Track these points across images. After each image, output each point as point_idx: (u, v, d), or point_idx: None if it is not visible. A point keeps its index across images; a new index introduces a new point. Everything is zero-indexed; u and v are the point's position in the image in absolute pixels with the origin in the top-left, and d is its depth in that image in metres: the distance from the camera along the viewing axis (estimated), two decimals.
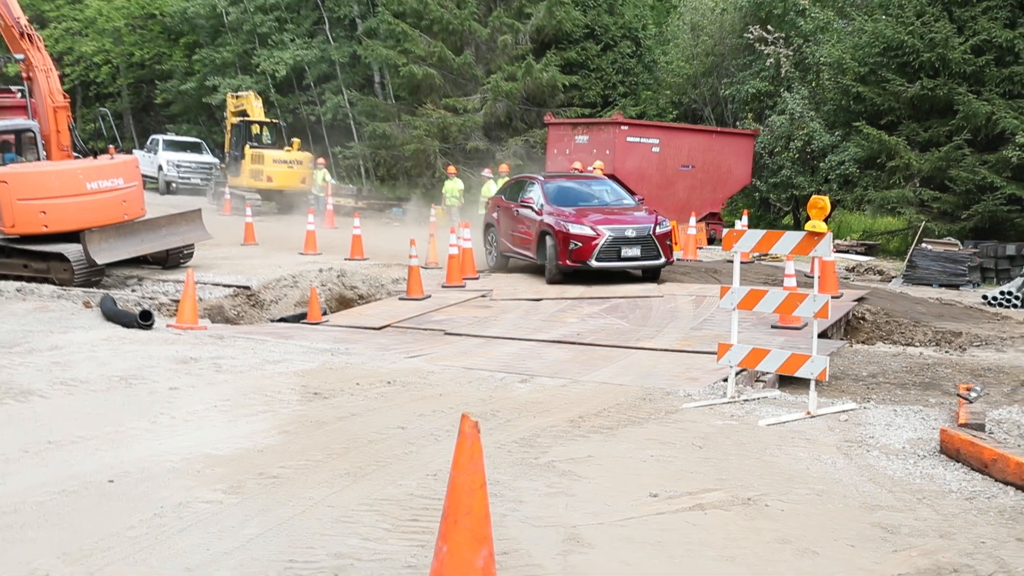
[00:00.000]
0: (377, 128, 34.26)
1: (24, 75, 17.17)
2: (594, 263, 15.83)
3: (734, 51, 31.90)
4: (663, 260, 16.18)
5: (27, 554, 4.64)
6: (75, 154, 17.17)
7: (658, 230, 16.16)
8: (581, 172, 23.13)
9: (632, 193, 19.05)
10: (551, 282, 16.20)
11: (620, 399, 8.62)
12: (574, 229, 15.96)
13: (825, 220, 15.26)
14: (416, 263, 15.44)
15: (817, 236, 8.32)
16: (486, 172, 25.45)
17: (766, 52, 29.78)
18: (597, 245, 15.79)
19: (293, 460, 6.46)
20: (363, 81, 39.91)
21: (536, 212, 16.95)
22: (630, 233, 15.99)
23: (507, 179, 24.11)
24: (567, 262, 15.92)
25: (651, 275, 16.52)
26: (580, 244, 15.83)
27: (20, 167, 16.23)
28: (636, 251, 15.94)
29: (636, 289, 15.63)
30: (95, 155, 17.27)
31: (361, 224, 21.07)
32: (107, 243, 16.00)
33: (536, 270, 17.54)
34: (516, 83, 31.54)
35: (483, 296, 15.54)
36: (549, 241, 16.30)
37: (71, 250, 15.48)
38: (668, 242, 16.31)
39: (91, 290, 14.79)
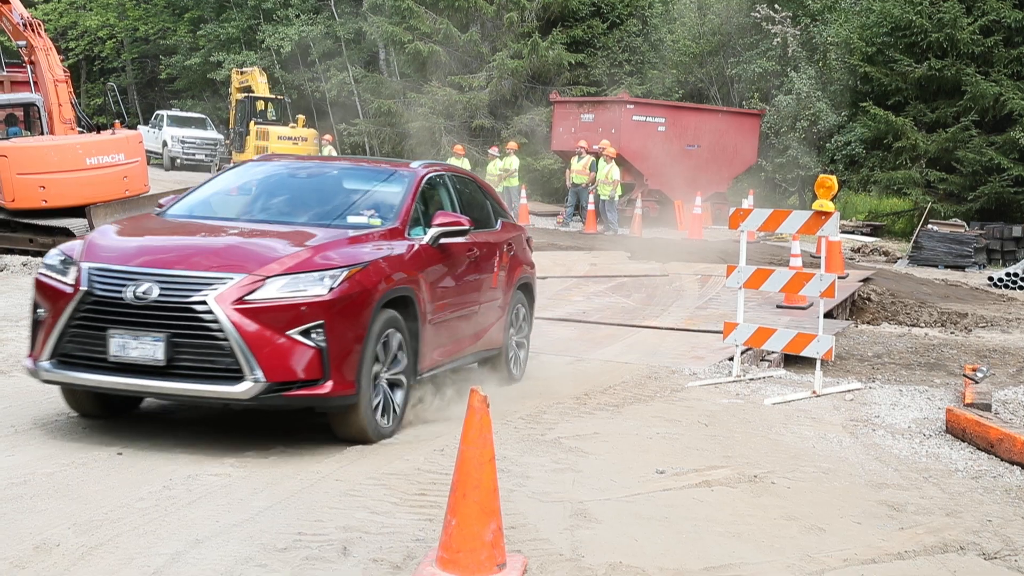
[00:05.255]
0: (382, 105, 34.18)
1: (27, 59, 17.26)
2: (43, 367, 6.06)
3: (741, 30, 31.74)
4: (248, 386, 5.71)
5: (38, 524, 4.67)
6: (80, 129, 17.17)
7: (255, 294, 5.80)
8: (587, 150, 23.07)
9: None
10: None
11: (625, 377, 8.64)
12: (49, 276, 6.29)
13: (832, 200, 15.16)
14: None
15: (824, 215, 8.32)
16: (493, 150, 25.45)
17: (773, 31, 29.62)
18: (60, 319, 6.00)
19: (300, 434, 6.48)
20: (368, 58, 39.74)
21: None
22: (141, 291, 5.79)
23: (512, 156, 24.04)
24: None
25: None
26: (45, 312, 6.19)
27: (20, 141, 16.28)
28: (154, 350, 5.74)
29: (642, 268, 15.59)
30: (99, 130, 17.27)
31: None
32: (113, 218, 16.00)
33: (544, 246, 17.13)
34: (522, 61, 31.40)
35: None
36: None
37: (76, 225, 15.47)
38: (316, 340, 5.86)
39: None
